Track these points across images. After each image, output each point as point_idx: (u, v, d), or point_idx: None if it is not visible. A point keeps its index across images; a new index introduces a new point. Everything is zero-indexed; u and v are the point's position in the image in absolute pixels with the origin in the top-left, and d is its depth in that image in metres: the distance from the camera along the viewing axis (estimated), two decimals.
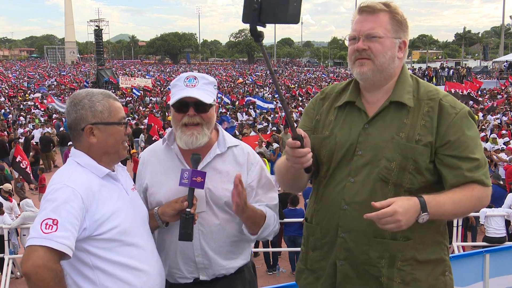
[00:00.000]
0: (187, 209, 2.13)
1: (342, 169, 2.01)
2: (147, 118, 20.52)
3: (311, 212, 2.19)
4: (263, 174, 2.42)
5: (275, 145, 14.45)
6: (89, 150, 2.07)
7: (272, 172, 2.73)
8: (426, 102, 1.97)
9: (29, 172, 12.57)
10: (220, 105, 27.58)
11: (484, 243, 8.37)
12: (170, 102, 2.26)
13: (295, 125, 1.92)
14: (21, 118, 25.10)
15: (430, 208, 1.80)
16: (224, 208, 2.31)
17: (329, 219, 2.05)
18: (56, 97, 31.82)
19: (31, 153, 15.81)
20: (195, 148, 2.23)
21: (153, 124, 15.51)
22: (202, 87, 2.24)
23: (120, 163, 2.24)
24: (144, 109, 29.12)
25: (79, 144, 2.09)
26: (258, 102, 27.46)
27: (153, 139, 13.26)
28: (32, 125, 21.71)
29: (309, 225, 2.19)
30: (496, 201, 9.84)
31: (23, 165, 12.19)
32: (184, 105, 2.22)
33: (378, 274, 1.95)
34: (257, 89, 41.56)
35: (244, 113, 25.13)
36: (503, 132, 16.25)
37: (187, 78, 2.26)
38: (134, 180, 2.45)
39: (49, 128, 20.58)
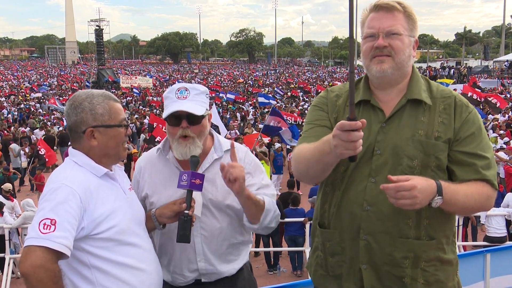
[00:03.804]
0: (185, 211, 2.13)
1: (361, 169, 1.96)
2: (149, 117, 20.42)
3: (326, 216, 2.10)
4: (258, 168, 2.43)
5: (277, 145, 14.41)
6: (89, 152, 2.06)
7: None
8: (442, 100, 1.98)
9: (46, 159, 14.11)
10: (221, 104, 27.59)
11: (485, 243, 8.36)
12: (163, 116, 2.27)
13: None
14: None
15: (445, 194, 1.79)
16: (226, 211, 2.32)
17: (349, 222, 1.99)
18: (57, 98, 31.83)
19: (28, 152, 15.84)
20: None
21: (155, 124, 15.18)
22: (194, 98, 2.25)
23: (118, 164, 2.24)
24: (144, 108, 29.12)
25: (79, 146, 2.08)
26: (260, 99, 27.47)
27: (157, 140, 12.94)
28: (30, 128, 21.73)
29: (324, 231, 2.11)
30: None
31: (41, 152, 13.77)
32: (176, 118, 2.23)
33: (402, 274, 1.93)
34: (258, 88, 41.55)
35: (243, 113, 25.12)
36: (501, 132, 16.20)
37: (178, 90, 2.26)
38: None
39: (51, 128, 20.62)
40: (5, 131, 19.58)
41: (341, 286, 2.05)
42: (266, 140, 15.21)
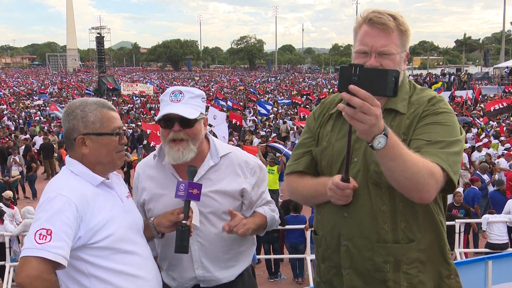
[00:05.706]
0: (183, 221, 2.12)
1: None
2: (141, 125, 20.42)
3: (316, 223, 2.19)
4: (264, 177, 2.44)
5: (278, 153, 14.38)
6: (82, 159, 2.06)
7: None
8: (416, 104, 1.96)
9: None
10: (224, 110, 27.63)
11: (487, 250, 8.34)
12: (156, 118, 2.26)
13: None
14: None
15: (390, 138, 1.65)
16: (222, 217, 2.30)
17: (331, 228, 2.04)
18: (58, 104, 31.90)
19: (19, 161, 15.77)
20: (183, 162, 2.23)
21: (149, 131, 15.12)
22: (188, 102, 2.24)
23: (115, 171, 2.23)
24: (144, 115, 29.13)
25: (73, 154, 2.08)
26: (260, 108, 27.49)
27: (151, 145, 12.94)
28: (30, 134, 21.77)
29: (316, 237, 2.18)
30: (497, 206, 9.84)
31: None
32: (169, 120, 2.22)
33: (385, 278, 1.93)
34: (258, 96, 41.62)
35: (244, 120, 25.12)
36: (502, 138, 16.11)
37: (173, 93, 2.26)
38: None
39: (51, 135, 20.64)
40: (5, 139, 19.49)
41: None
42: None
